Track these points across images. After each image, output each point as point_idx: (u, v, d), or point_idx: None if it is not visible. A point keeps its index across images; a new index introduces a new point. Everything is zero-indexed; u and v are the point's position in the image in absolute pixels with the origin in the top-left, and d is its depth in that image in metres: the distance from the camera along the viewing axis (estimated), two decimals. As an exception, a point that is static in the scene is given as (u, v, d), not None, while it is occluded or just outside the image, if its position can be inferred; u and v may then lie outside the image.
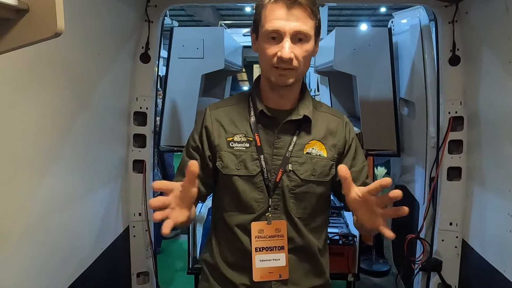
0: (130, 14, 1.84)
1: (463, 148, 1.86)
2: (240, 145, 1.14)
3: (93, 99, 1.60)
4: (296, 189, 1.14)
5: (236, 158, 1.13)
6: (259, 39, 1.08)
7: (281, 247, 1.12)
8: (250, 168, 1.13)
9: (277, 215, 1.14)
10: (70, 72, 1.38)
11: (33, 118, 1.19)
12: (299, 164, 1.14)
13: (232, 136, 1.15)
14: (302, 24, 1.03)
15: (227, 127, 1.16)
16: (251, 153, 1.13)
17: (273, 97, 1.15)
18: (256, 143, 1.13)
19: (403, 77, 2.47)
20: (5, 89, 1.04)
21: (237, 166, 1.13)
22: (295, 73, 1.07)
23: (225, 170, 1.14)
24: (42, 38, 0.53)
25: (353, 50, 2.37)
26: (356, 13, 14.44)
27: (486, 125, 1.70)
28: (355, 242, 2.59)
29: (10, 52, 0.59)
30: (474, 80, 1.76)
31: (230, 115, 1.18)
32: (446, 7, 1.80)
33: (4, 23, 0.53)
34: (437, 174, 1.93)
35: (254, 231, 1.12)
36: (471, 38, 1.76)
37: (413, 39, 2.25)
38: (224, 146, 1.14)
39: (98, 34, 1.56)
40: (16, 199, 1.14)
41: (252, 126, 1.15)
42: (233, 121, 1.17)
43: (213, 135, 1.16)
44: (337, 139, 1.20)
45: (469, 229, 1.83)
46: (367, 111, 2.36)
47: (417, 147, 2.27)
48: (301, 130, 1.16)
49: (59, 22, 0.52)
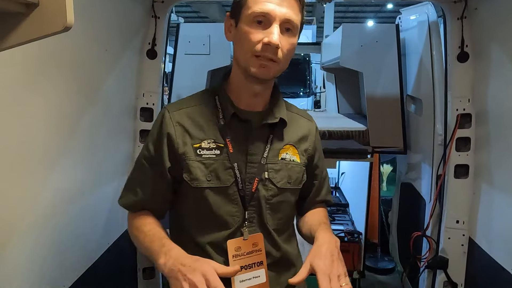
0: (137, 9, 1.84)
1: (471, 146, 1.84)
2: (210, 153, 1.00)
3: (100, 95, 1.60)
4: (273, 199, 1.05)
5: (205, 168, 1.00)
6: (241, 23, 0.95)
7: (260, 262, 1.01)
8: (222, 178, 1.00)
9: (252, 229, 1.03)
10: (77, 68, 1.38)
11: (40, 113, 1.20)
12: (275, 172, 1.05)
13: (199, 142, 1.01)
14: (293, 13, 0.94)
15: (192, 131, 1.01)
16: (223, 161, 1.00)
17: (246, 96, 1.03)
18: (228, 150, 1.00)
19: (410, 74, 2.45)
20: (12, 84, 1.05)
21: (208, 177, 0.99)
22: (277, 67, 0.97)
23: (194, 182, 1.00)
24: (52, 33, 0.53)
25: (360, 46, 2.35)
26: (363, 10, 14.35)
27: (494, 122, 1.68)
28: (361, 239, 2.59)
29: (18, 47, 0.60)
30: (482, 77, 1.74)
31: (194, 117, 1.03)
32: (455, 3, 1.78)
33: (14, 17, 0.53)
34: (444, 172, 1.92)
35: (231, 250, 1.00)
36: (480, 35, 1.74)
37: (421, 36, 2.23)
38: (191, 155, 1.00)
39: (105, 30, 1.56)
40: (24, 194, 1.15)
41: (222, 131, 1.02)
42: (199, 124, 1.02)
43: (176, 142, 1.00)
44: (309, 143, 1.13)
45: (476, 227, 1.82)
46: (374, 108, 2.34)
47: (423, 144, 2.26)
48: (274, 134, 1.06)
49: (69, 16, 0.52)
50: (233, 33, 0.99)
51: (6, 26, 0.53)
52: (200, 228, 1.03)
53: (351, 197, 3.23)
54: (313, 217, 1.17)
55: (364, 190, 2.58)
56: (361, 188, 2.71)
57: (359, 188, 2.79)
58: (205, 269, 0.87)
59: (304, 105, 6.60)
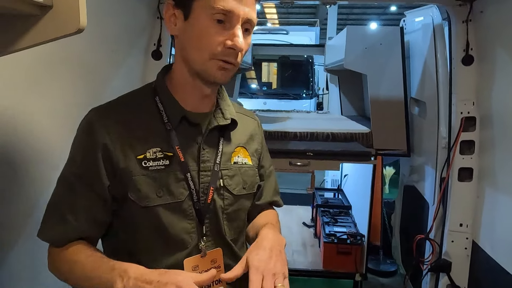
0: (143, 11, 1.85)
1: (475, 149, 1.84)
2: (157, 164, 0.85)
3: (106, 95, 1.60)
4: (229, 208, 0.95)
5: (154, 182, 0.85)
6: (193, 18, 0.81)
7: (219, 280, 0.88)
8: (175, 192, 0.86)
9: (210, 243, 0.92)
10: (84, 69, 1.39)
11: (47, 113, 1.21)
12: (230, 178, 0.95)
13: (143, 152, 0.85)
14: (253, 11, 0.84)
15: (132, 140, 0.85)
16: (174, 173, 0.86)
17: (194, 97, 0.91)
18: (179, 159, 0.87)
19: (414, 76, 2.45)
20: (20, 84, 1.06)
21: (158, 193, 0.85)
22: (234, 70, 0.87)
23: (143, 201, 0.84)
24: (65, 34, 0.54)
25: (364, 49, 2.35)
26: (366, 12, 14.35)
27: (499, 126, 1.68)
28: (363, 241, 2.59)
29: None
30: (487, 80, 1.74)
31: (131, 123, 0.86)
32: (460, 6, 1.78)
33: (28, 19, 0.54)
34: (448, 175, 1.92)
35: (187, 269, 0.87)
36: (485, 38, 1.74)
37: (425, 38, 2.24)
38: (136, 169, 0.84)
39: (111, 31, 1.57)
40: (30, 195, 1.16)
41: (169, 137, 0.87)
42: (139, 131, 0.86)
43: (115, 154, 0.83)
44: (257, 143, 1.05)
45: (479, 231, 1.82)
46: (378, 110, 2.34)
47: (427, 147, 2.26)
48: (224, 136, 0.96)
49: (82, 18, 0.52)
50: (180, 27, 0.84)
51: (20, 27, 0.54)
52: (151, 251, 0.87)
53: (353, 199, 3.23)
54: (260, 220, 1.07)
55: (367, 192, 2.58)
56: (363, 190, 2.71)
57: (362, 190, 2.80)
58: (179, 279, 0.73)
59: (307, 107, 6.59)
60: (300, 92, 6.64)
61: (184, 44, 0.85)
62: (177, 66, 0.90)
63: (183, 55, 0.86)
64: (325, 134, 2.35)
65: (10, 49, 0.55)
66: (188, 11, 0.82)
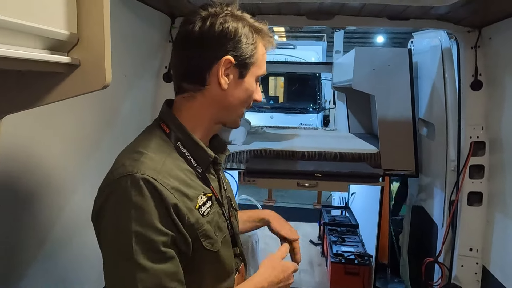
0: (155, 35, 1.89)
1: (485, 173, 1.84)
2: (206, 207, 0.89)
3: (118, 117, 1.64)
4: (239, 225, 1.07)
5: (211, 226, 0.89)
6: (248, 78, 0.92)
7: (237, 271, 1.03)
8: (223, 227, 0.94)
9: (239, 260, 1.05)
10: (97, 97, 1.42)
11: (61, 135, 1.23)
12: (232, 197, 1.05)
13: (195, 200, 0.87)
14: None
15: (185, 191, 0.85)
16: (217, 211, 0.93)
17: (209, 135, 0.98)
18: (215, 196, 0.94)
19: (423, 97, 2.46)
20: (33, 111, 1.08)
21: (216, 233, 0.90)
22: None
23: (215, 245, 0.90)
24: (91, 91, 0.56)
25: (372, 69, 2.37)
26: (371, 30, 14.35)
27: (509, 151, 1.68)
28: (371, 262, 2.57)
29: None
30: (497, 105, 1.74)
31: (175, 174, 0.85)
32: (469, 32, 1.80)
33: (56, 76, 0.56)
34: (457, 198, 1.91)
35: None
36: (494, 64, 1.75)
37: (433, 60, 2.25)
38: (200, 219, 0.86)
39: (125, 56, 1.60)
40: (47, 213, 1.18)
41: (204, 179, 0.92)
42: (183, 180, 0.86)
43: (183, 211, 0.82)
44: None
45: (490, 256, 1.80)
46: (386, 130, 2.35)
47: (435, 168, 2.25)
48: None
49: (108, 75, 0.54)
50: (233, 83, 0.91)
51: (49, 84, 0.56)
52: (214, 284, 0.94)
53: (361, 218, 3.21)
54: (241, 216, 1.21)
55: (374, 211, 2.57)
56: (371, 209, 2.70)
57: (370, 209, 2.78)
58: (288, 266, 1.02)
59: (313, 121, 6.60)
60: (307, 106, 6.65)
61: (228, 97, 0.91)
62: (203, 112, 0.92)
63: (221, 105, 0.92)
64: (333, 154, 2.36)
65: (36, 104, 0.58)
66: (245, 72, 0.91)
